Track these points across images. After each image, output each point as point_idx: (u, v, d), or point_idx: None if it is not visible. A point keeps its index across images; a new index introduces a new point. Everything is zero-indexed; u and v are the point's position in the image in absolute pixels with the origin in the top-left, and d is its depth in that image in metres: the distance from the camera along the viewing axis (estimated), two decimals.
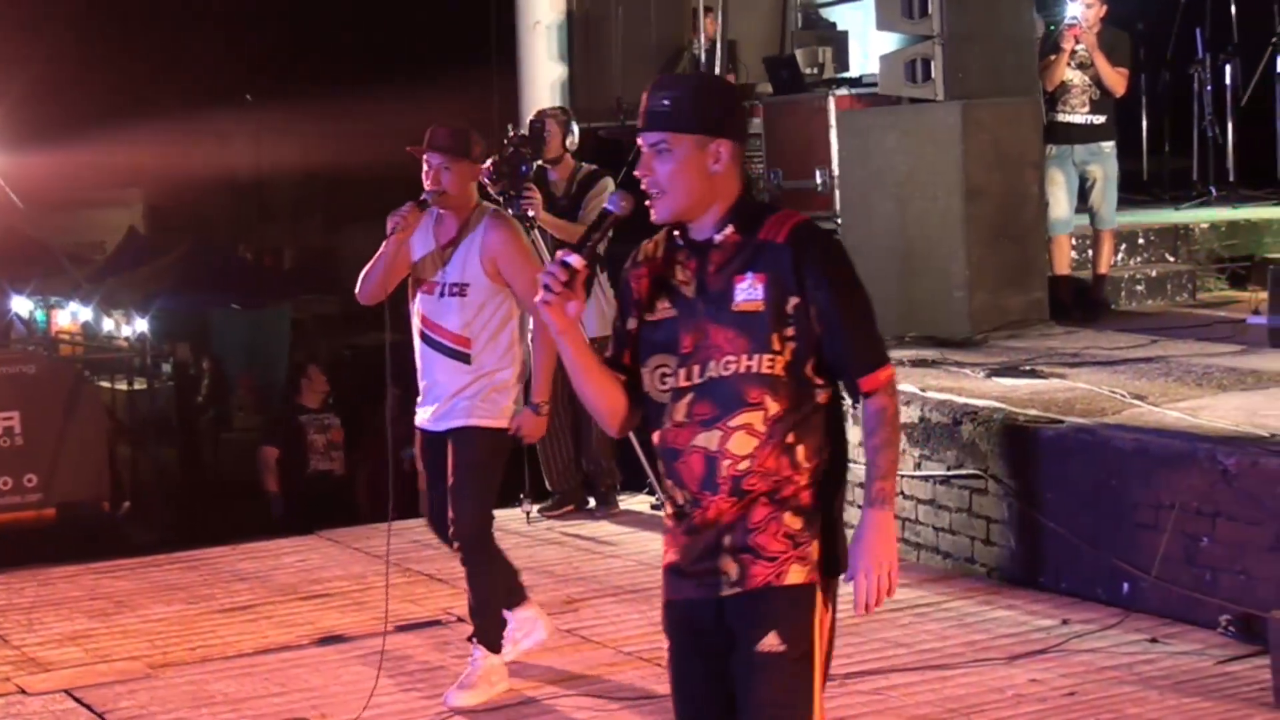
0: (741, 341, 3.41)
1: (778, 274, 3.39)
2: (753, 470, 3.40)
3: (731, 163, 3.46)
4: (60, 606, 7.41)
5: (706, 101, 3.45)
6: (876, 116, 9.85)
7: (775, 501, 3.42)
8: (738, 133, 3.48)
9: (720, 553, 3.43)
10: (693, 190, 3.43)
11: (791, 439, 3.42)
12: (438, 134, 5.87)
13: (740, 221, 3.46)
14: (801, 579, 3.41)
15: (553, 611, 6.95)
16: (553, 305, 3.38)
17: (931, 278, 9.19)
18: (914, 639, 6.34)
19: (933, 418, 7.36)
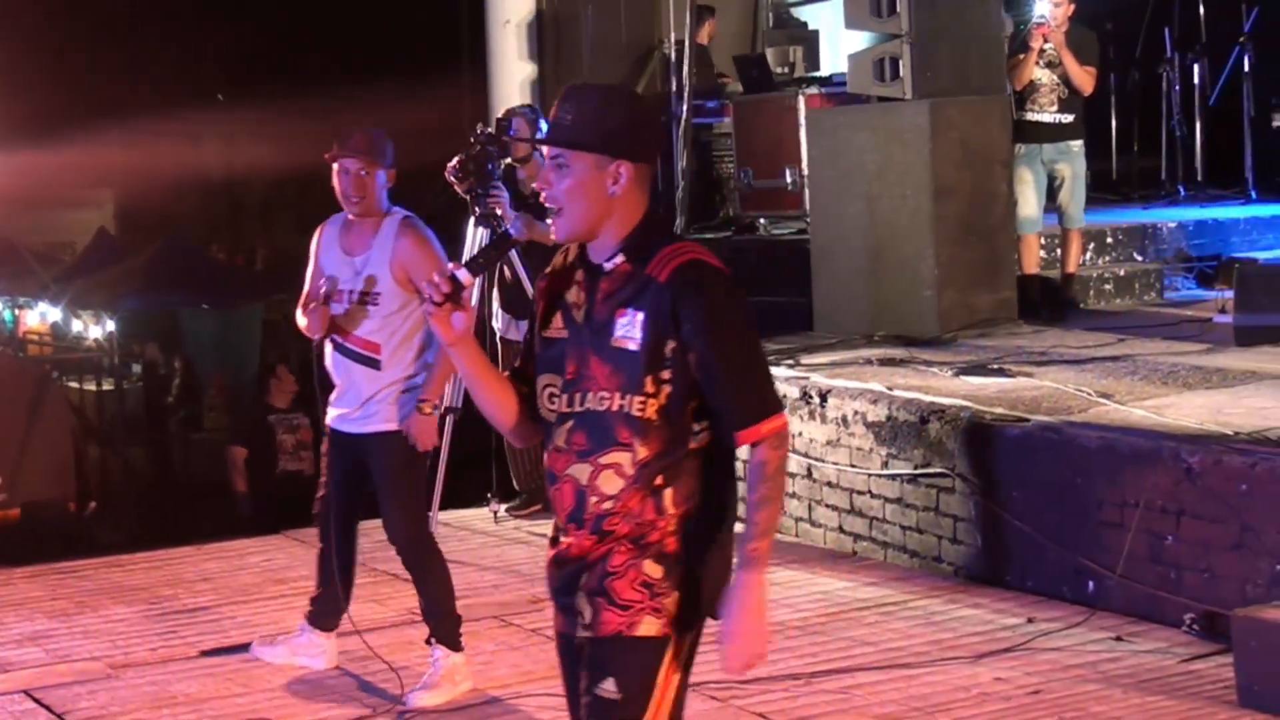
0: (616, 378, 3.28)
1: (657, 315, 3.24)
2: (615, 511, 3.28)
3: (633, 185, 3.30)
4: (21, 606, 7.35)
5: (609, 120, 3.27)
6: (846, 115, 9.84)
7: (638, 546, 3.27)
8: (643, 154, 3.33)
9: (577, 591, 3.32)
10: (589, 211, 3.29)
11: (660, 482, 3.27)
12: (353, 139, 5.78)
13: (632, 251, 3.30)
14: (654, 632, 3.26)
15: (517, 611, 6.95)
16: (437, 317, 3.28)
17: (900, 276, 9.19)
18: (879, 637, 6.33)
19: (900, 416, 7.35)
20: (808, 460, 7.91)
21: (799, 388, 8.01)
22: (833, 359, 8.59)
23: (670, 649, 3.29)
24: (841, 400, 7.72)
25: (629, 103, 3.37)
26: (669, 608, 3.27)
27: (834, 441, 7.75)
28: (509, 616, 6.87)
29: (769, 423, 3.25)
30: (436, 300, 3.27)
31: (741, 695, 5.73)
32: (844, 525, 7.74)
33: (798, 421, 7.94)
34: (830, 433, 7.76)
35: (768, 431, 3.25)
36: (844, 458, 7.69)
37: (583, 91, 3.34)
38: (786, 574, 7.39)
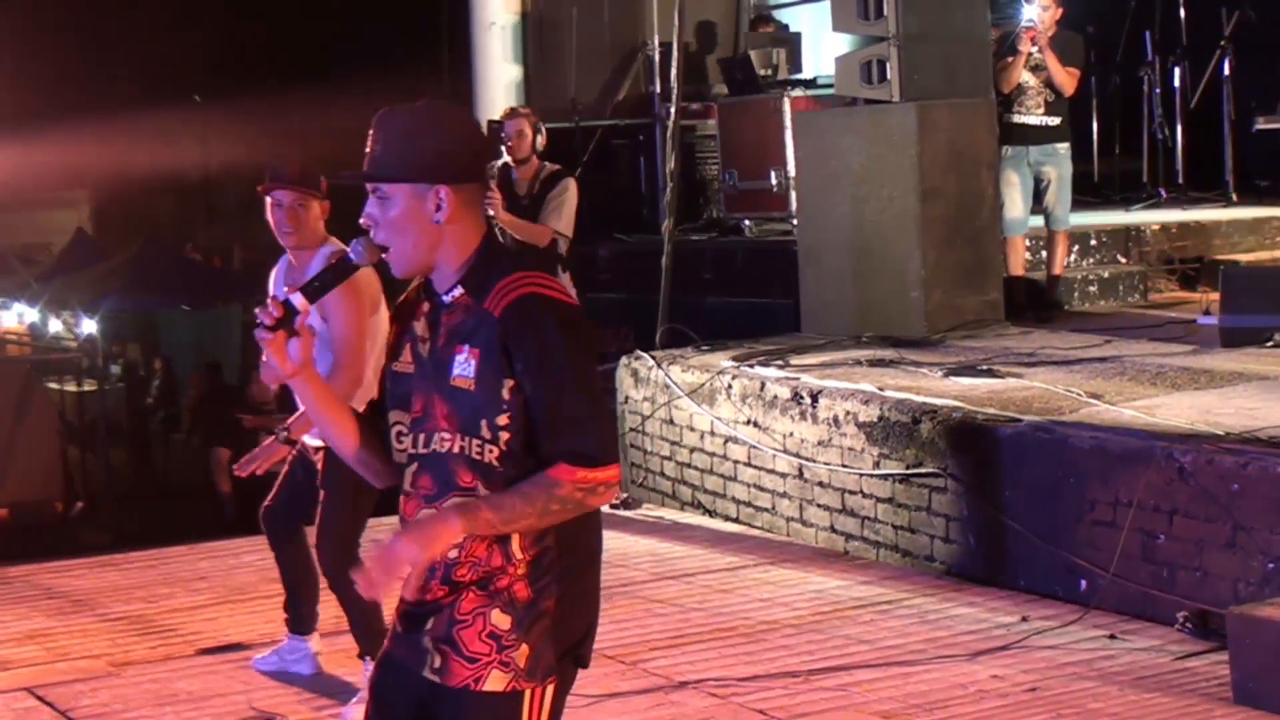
0: (456, 419, 3.09)
1: (490, 352, 3.05)
2: (461, 560, 3.09)
3: (461, 209, 3.09)
4: (18, 604, 7.38)
5: (419, 145, 3.08)
6: (833, 118, 9.91)
7: (486, 593, 3.09)
8: (465, 175, 3.12)
9: (425, 634, 3.13)
10: (418, 243, 3.09)
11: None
12: (287, 170, 5.70)
13: (470, 283, 3.10)
14: (501, 686, 3.06)
15: None
16: (270, 344, 3.11)
17: (887, 278, 9.26)
18: (875, 636, 6.40)
19: (891, 416, 7.41)
20: (799, 460, 7.98)
21: (789, 388, 8.07)
22: (822, 360, 8.65)
23: (528, 703, 3.09)
24: (833, 401, 7.79)
25: (443, 123, 3.14)
26: (518, 661, 3.07)
27: (825, 442, 7.82)
28: None
29: (594, 472, 3.02)
30: (268, 325, 3.10)
31: (741, 692, 5.80)
32: (835, 525, 7.81)
33: (789, 422, 8.02)
34: (821, 433, 7.83)
35: (582, 479, 3.02)
36: (835, 458, 7.76)
37: (392, 117, 3.11)
38: (780, 573, 7.46)
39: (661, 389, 9.03)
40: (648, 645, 6.43)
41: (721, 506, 8.63)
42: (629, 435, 9.36)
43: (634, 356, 9.35)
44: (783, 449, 8.09)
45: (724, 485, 8.61)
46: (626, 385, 9.38)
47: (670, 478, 9.05)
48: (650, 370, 9.14)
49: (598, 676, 6.04)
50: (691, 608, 6.95)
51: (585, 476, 3.01)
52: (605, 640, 6.41)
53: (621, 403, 9.43)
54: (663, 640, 6.50)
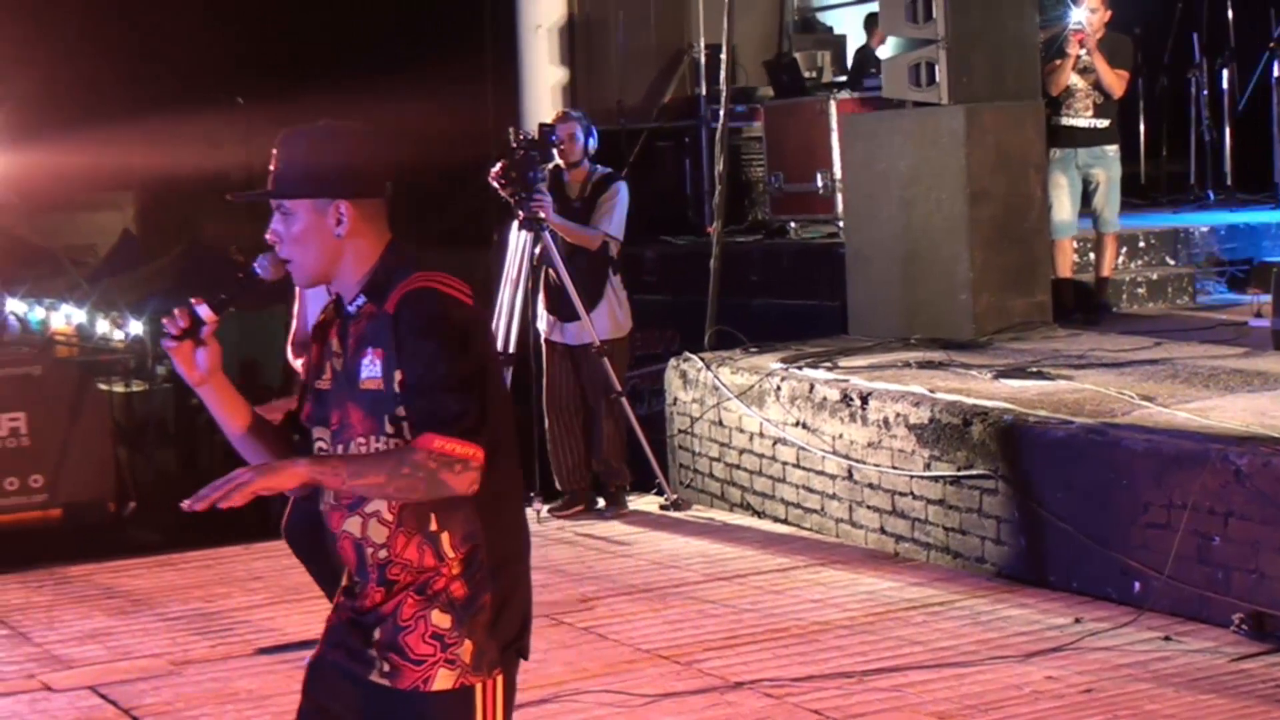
0: (368, 422, 3.17)
1: (388, 349, 3.14)
2: (392, 560, 3.17)
3: (361, 223, 3.20)
4: (79, 604, 7.47)
5: (317, 161, 3.18)
6: (881, 120, 9.95)
7: (424, 596, 3.15)
8: (365, 190, 3.21)
9: (372, 644, 3.19)
10: (320, 257, 3.19)
11: (434, 526, 3.15)
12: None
13: (372, 290, 3.20)
14: (450, 684, 3.14)
15: (567, 609, 7.06)
16: (177, 352, 3.18)
17: (935, 280, 9.29)
18: (928, 637, 6.43)
19: (942, 419, 7.44)
20: (848, 462, 8.01)
21: (839, 390, 8.11)
22: (871, 361, 8.69)
23: (480, 697, 3.17)
24: (883, 403, 7.82)
25: (343, 141, 3.23)
26: (463, 657, 3.14)
27: (875, 444, 7.85)
28: (560, 615, 6.96)
29: (453, 443, 3.03)
30: (174, 334, 3.16)
31: (796, 693, 5.84)
32: (885, 526, 7.84)
33: (838, 424, 8.06)
34: (871, 435, 7.86)
35: (440, 448, 3.03)
36: (885, 460, 7.79)
37: (294, 136, 3.21)
38: (831, 574, 7.50)
39: (710, 390, 9.08)
40: (702, 645, 6.48)
41: (770, 508, 8.67)
42: (678, 437, 9.42)
43: (683, 358, 9.41)
44: (832, 451, 8.13)
45: (773, 486, 8.65)
46: (675, 387, 9.44)
47: (719, 479, 9.10)
48: (699, 372, 9.19)
49: (654, 676, 6.10)
50: (744, 608, 6.99)
51: (443, 446, 3.03)
52: (660, 640, 6.51)
53: (670, 404, 9.49)
54: (717, 641, 6.54)
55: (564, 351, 8.71)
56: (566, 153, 8.53)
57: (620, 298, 8.64)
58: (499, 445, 3.15)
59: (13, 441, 10.97)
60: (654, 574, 7.65)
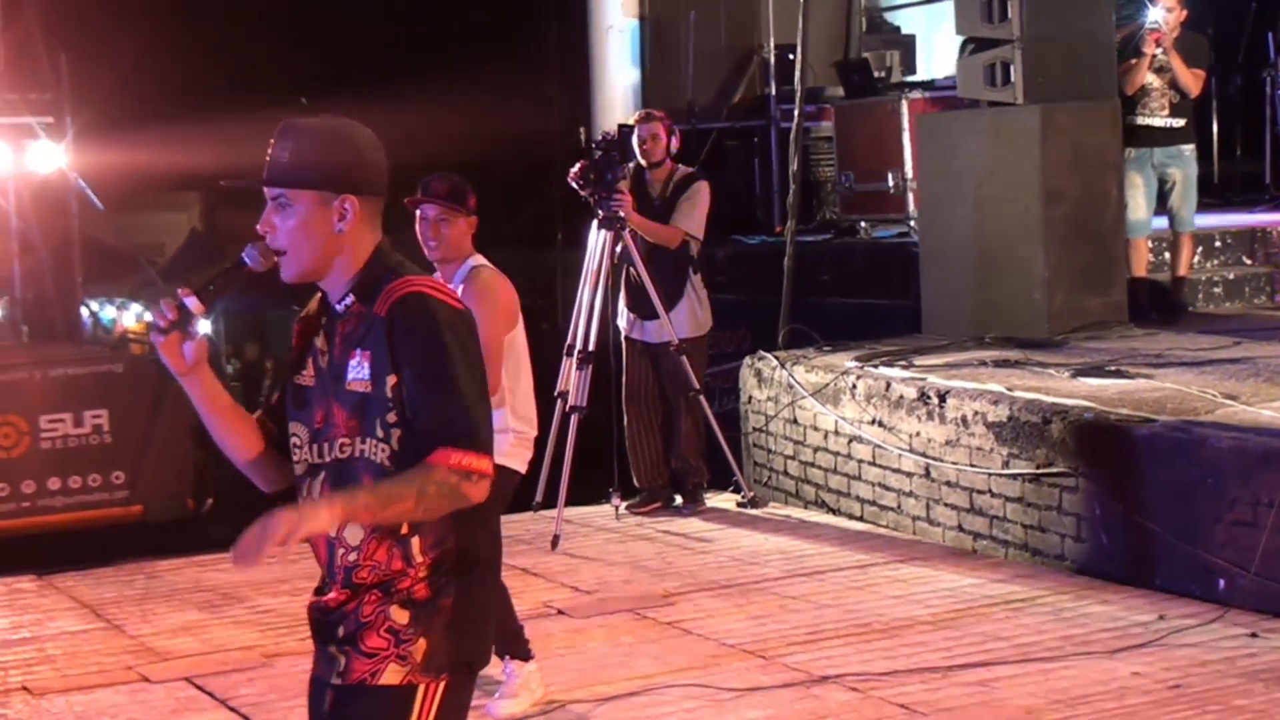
0: (353, 423, 3.15)
1: (379, 351, 3.11)
2: (361, 563, 3.14)
3: (361, 221, 3.17)
4: (170, 598, 7.60)
5: (330, 153, 3.14)
6: (955, 120, 9.99)
7: (386, 594, 3.13)
8: (370, 187, 3.18)
9: (333, 641, 3.20)
10: (316, 251, 3.15)
11: (405, 530, 3.13)
12: (434, 184, 5.78)
13: (361, 291, 3.17)
14: (397, 680, 3.11)
15: (650, 605, 7.13)
16: (164, 345, 3.14)
17: (1010, 279, 9.32)
18: (1011, 633, 6.46)
19: (1021, 417, 7.48)
20: (926, 460, 8.06)
21: (916, 388, 8.16)
22: (946, 360, 8.73)
23: (420, 697, 3.12)
24: (960, 401, 7.86)
25: (350, 136, 3.20)
26: (415, 655, 3.11)
27: (952, 441, 7.90)
28: (644, 610, 7.04)
29: (468, 455, 3.04)
30: (162, 326, 3.13)
31: (881, 687, 5.90)
32: (963, 524, 7.88)
33: (915, 422, 8.10)
34: (949, 433, 7.91)
35: (458, 463, 3.03)
36: (963, 457, 7.83)
37: (299, 127, 3.17)
38: (910, 571, 7.55)
39: (785, 389, 9.14)
40: (785, 641, 6.54)
41: (846, 505, 8.72)
42: (752, 435, 9.49)
43: (757, 357, 9.47)
44: (909, 448, 8.18)
45: (848, 484, 8.71)
46: (750, 385, 9.50)
47: (793, 477, 9.16)
48: (774, 370, 9.25)
49: (739, 670, 6.17)
50: (826, 604, 7.05)
51: (461, 460, 3.03)
52: (744, 635, 6.58)
53: (745, 403, 9.56)
54: (800, 636, 6.60)
55: (643, 349, 8.79)
56: (650, 152, 8.62)
57: (700, 296, 8.71)
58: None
59: (96, 439, 11.15)
60: (734, 570, 7.72)
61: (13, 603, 7.60)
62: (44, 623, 7.24)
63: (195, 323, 3.16)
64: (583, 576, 7.63)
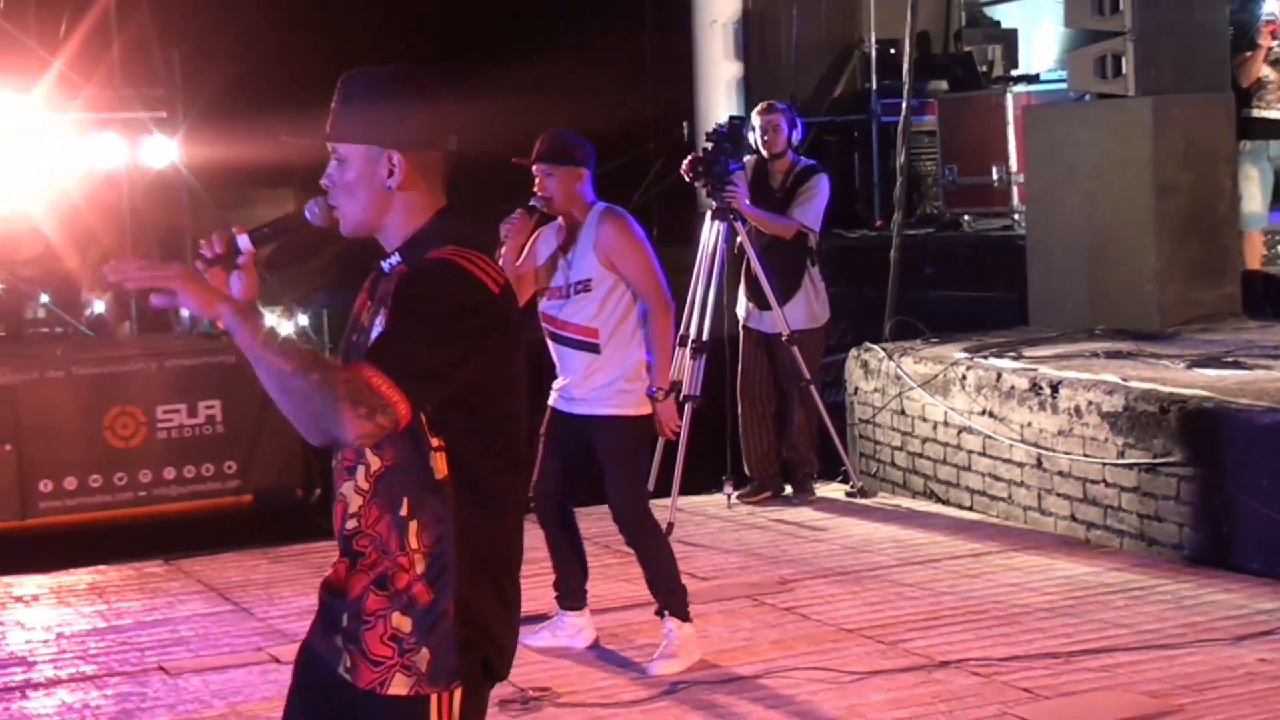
0: None
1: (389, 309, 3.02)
2: (361, 530, 3.06)
3: (415, 177, 3.06)
4: (293, 581, 7.74)
5: (377, 106, 3.04)
6: (1065, 112, 9.99)
7: (387, 593, 3.03)
8: (420, 141, 3.06)
9: (336, 632, 3.10)
10: (367, 207, 3.06)
11: (405, 511, 3.02)
12: (539, 143, 6.08)
13: (409, 254, 3.06)
14: (404, 690, 3.02)
15: (767, 591, 7.20)
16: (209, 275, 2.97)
17: (1121, 271, 9.32)
18: (1132, 620, 6.48)
19: (1138, 407, 7.49)
20: (1038, 450, 8.08)
21: (1028, 379, 8.18)
22: (1056, 351, 8.74)
23: (434, 708, 3.04)
24: (1074, 391, 7.88)
25: (401, 86, 3.08)
26: (420, 665, 3.02)
27: (1065, 432, 7.91)
28: (761, 596, 7.12)
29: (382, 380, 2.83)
30: (209, 258, 2.98)
31: (1003, 672, 5.93)
32: (1076, 514, 7.90)
33: (1026, 412, 8.12)
34: (1061, 423, 7.92)
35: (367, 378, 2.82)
36: (1076, 447, 7.84)
37: (353, 79, 3.08)
38: (1025, 559, 7.58)
39: (892, 380, 9.18)
40: (904, 626, 6.59)
41: (955, 496, 8.75)
42: (859, 426, 9.53)
43: (864, 349, 9.51)
44: (1020, 439, 8.20)
45: (957, 475, 8.74)
46: (856, 377, 9.55)
47: (901, 468, 9.19)
48: (881, 362, 9.29)
49: (860, 655, 6.23)
50: (942, 591, 7.09)
51: (370, 378, 2.83)
52: (862, 620, 6.64)
53: (851, 394, 9.60)
54: (918, 621, 6.65)
55: (760, 339, 8.86)
56: (771, 144, 8.68)
57: (818, 288, 8.76)
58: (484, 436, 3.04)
59: (209, 429, 11.34)
60: (848, 558, 7.78)
61: (144, 586, 7.78)
62: (175, 605, 7.41)
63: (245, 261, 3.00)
64: (699, 564, 7.71)
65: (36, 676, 6.36)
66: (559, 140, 6.07)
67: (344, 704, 3.10)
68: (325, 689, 3.14)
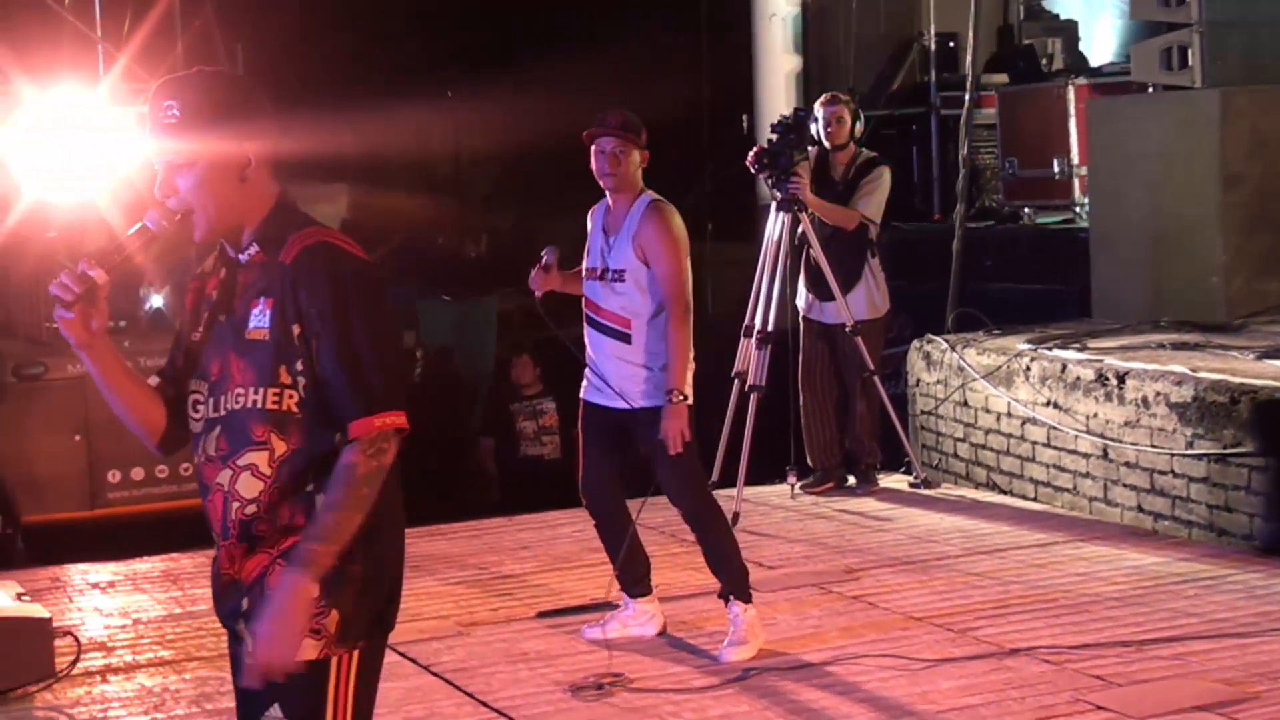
0: (250, 373, 3.10)
1: (282, 299, 3.07)
2: (260, 516, 3.09)
3: (262, 170, 3.15)
4: None
5: (225, 105, 3.10)
6: (1129, 104, 9.97)
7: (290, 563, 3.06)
8: (266, 134, 3.14)
9: (240, 616, 3.14)
10: (225, 205, 3.12)
11: (310, 487, 3.08)
12: (610, 117, 6.00)
13: (265, 240, 3.14)
14: (313, 655, 3.07)
15: (834, 579, 7.22)
16: (71, 321, 3.07)
17: (1186, 263, 9.30)
18: (1204, 609, 6.47)
19: (1207, 397, 7.47)
20: (1104, 441, 8.07)
21: (1094, 370, 8.17)
22: (1122, 343, 8.72)
23: (334, 668, 3.11)
24: (1141, 382, 7.87)
25: (234, 83, 3.19)
26: (328, 628, 3.08)
27: (1132, 422, 7.90)
28: (828, 585, 7.14)
29: (382, 418, 3.04)
30: (68, 301, 3.05)
31: (1074, 660, 5.93)
32: (1143, 504, 7.89)
33: (1092, 403, 8.11)
34: (1128, 414, 7.91)
35: (379, 426, 3.03)
36: (1144, 438, 7.83)
37: (185, 81, 3.12)
38: (1092, 549, 7.57)
39: (955, 371, 9.18)
40: (973, 614, 6.60)
41: (1019, 487, 8.75)
42: (920, 418, 9.53)
43: (926, 340, 9.52)
44: (1086, 430, 8.19)
45: (1021, 466, 8.74)
46: (918, 369, 9.55)
47: (964, 459, 9.19)
48: (943, 354, 9.29)
49: (929, 643, 6.24)
50: (1010, 580, 7.09)
51: (381, 423, 3.02)
52: (930, 609, 6.65)
53: (913, 385, 9.61)
54: (987, 610, 6.66)
55: (821, 330, 8.87)
56: (835, 135, 8.69)
57: (878, 279, 8.77)
58: None
59: None
60: (914, 547, 7.79)
61: None
62: None
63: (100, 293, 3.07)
64: (765, 553, 7.73)
65: (115, 661, 6.44)
66: (630, 117, 6.03)
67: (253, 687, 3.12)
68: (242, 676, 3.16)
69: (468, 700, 5.85)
